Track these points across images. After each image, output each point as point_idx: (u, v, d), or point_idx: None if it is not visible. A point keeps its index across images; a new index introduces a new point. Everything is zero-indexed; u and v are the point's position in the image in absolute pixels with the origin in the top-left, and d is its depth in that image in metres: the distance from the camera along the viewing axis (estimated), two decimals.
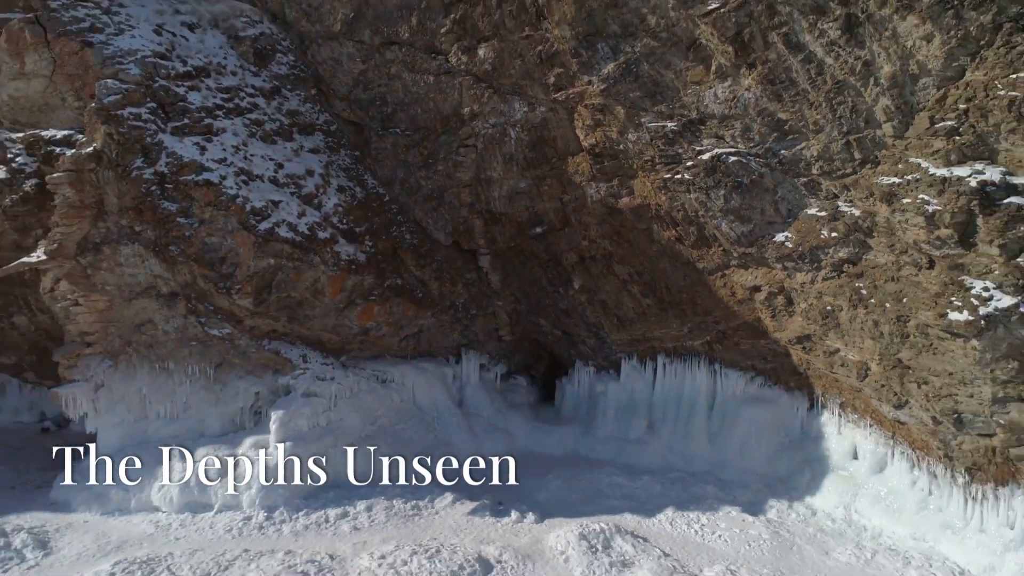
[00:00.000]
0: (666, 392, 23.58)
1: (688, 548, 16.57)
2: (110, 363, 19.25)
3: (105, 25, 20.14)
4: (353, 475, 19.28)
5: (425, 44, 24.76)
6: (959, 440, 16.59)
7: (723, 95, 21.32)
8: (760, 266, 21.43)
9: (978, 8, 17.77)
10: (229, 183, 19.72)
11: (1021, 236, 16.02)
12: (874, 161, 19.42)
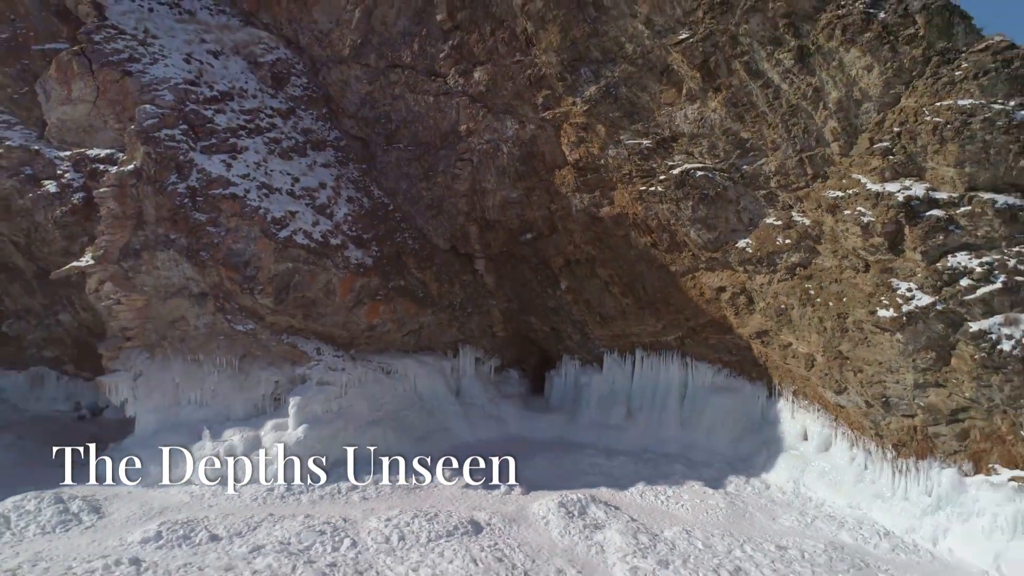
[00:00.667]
0: (643, 383, 26.10)
1: (653, 514, 19.07)
2: (147, 355, 21.82)
3: (141, 56, 22.70)
4: (361, 454, 21.76)
5: (425, 67, 27.32)
6: (887, 420, 19.10)
7: (692, 116, 23.86)
8: (725, 269, 23.93)
9: (910, 43, 20.35)
10: (252, 196, 22.28)
11: (939, 244, 18.50)
12: (823, 176, 21.93)
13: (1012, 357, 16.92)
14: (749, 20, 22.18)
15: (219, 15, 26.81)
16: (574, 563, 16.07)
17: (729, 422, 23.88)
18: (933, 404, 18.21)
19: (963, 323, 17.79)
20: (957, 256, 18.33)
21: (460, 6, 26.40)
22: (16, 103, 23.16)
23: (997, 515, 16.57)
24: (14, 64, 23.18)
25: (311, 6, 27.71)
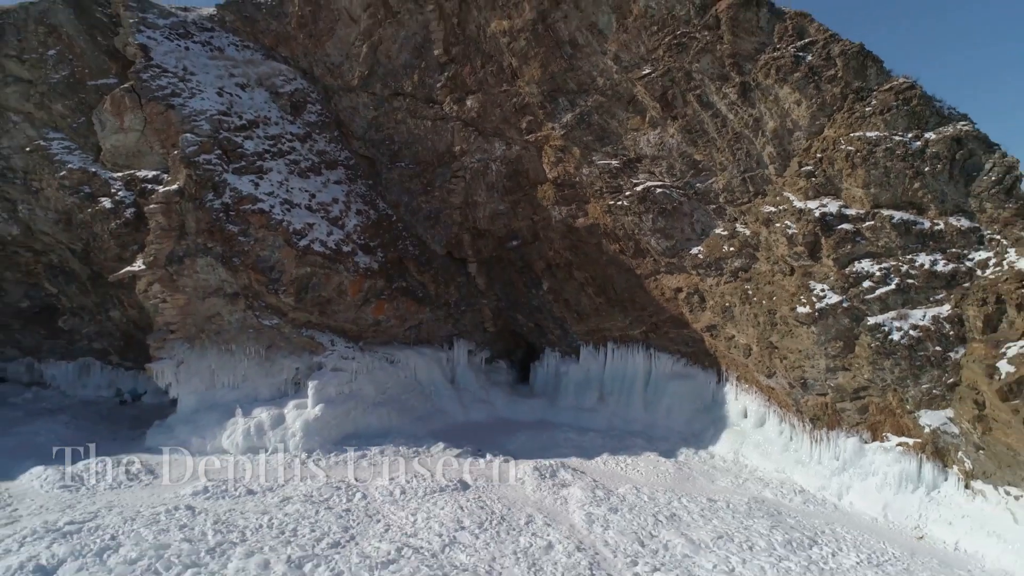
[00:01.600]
0: (613, 371, 29.96)
1: (612, 477, 22.93)
2: (188, 346, 25.75)
3: (182, 91, 26.65)
4: (369, 426, 25.69)
5: (424, 96, 31.22)
6: (805, 398, 22.93)
7: (653, 140, 27.72)
8: (681, 272, 27.77)
9: (831, 82, 24.19)
10: (276, 211, 26.21)
11: (848, 252, 22.34)
12: (762, 193, 25.76)
13: (900, 345, 20.78)
14: (701, 59, 26.03)
15: (244, 50, 30.72)
16: (542, 511, 19.93)
17: (685, 404, 27.73)
18: (840, 384, 22.06)
19: (864, 318, 21.63)
20: (862, 262, 22.17)
21: (454, 42, 30.30)
22: (75, 131, 27.13)
23: (887, 474, 20.41)
24: (73, 98, 27.16)
25: (324, 41, 31.62)
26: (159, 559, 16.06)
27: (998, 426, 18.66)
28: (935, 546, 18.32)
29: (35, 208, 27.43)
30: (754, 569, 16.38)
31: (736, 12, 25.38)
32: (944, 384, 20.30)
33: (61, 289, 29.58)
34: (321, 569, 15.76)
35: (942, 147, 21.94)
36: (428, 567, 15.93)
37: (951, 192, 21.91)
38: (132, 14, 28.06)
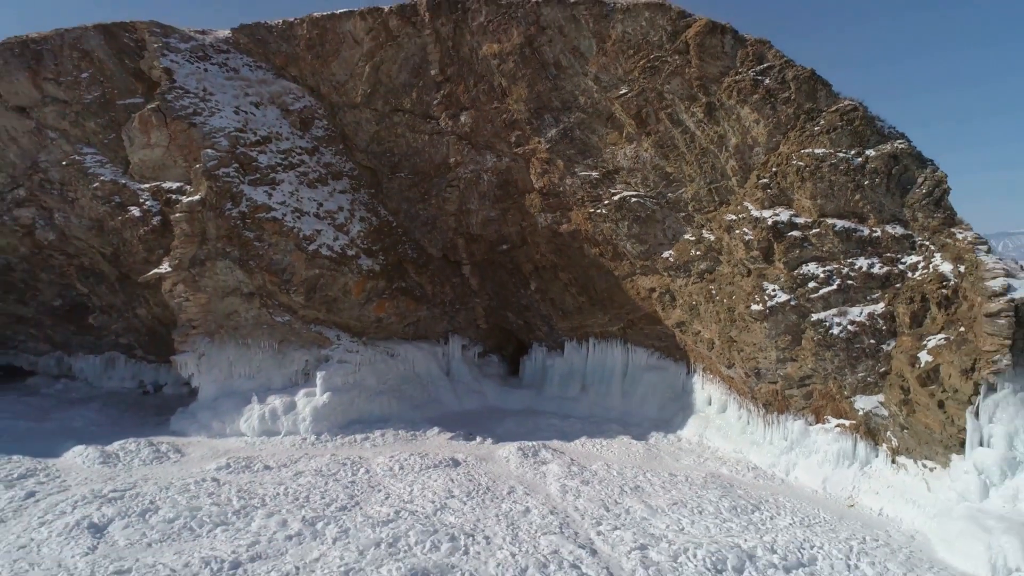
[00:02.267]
0: (594, 364, 32.77)
1: (587, 456, 25.74)
2: (208, 340, 28.62)
3: (202, 110, 29.51)
4: (372, 412, 28.53)
5: (422, 112, 34.03)
6: (759, 386, 25.73)
7: (629, 154, 30.51)
8: (654, 274, 30.57)
9: (786, 103, 26.95)
10: (288, 218, 29.06)
11: (797, 256, 25.12)
12: (726, 203, 28.54)
13: (839, 339, 23.58)
14: (671, 81, 28.82)
15: (257, 70, 33.56)
16: (523, 483, 22.76)
17: (657, 393, 30.54)
18: (789, 374, 24.87)
19: (809, 314, 24.44)
20: (808, 265, 24.96)
21: (449, 63, 33.11)
22: (106, 146, 30.00)
23: (827, 451, 23.21)
24: (104, 116, 30.02)
25: (330, 61, 34.43)
26: (193, 519, 18.94)
27: (919, 408, 21.46)
28: (862, 512, 21.11)
29: (70, 216, 30.32)
30: (700, 528, 19.20)
31: (703, 38, 28.17)
32: (876, 373, 23.10)
33: (92, 289, 32.47)
34: (331, 527, 18.61)
35: (880, 163, 24.71)
36: (422, 525, 18.78)
37: (888, 203, 24.68)
38: (156, 39, 30.91)
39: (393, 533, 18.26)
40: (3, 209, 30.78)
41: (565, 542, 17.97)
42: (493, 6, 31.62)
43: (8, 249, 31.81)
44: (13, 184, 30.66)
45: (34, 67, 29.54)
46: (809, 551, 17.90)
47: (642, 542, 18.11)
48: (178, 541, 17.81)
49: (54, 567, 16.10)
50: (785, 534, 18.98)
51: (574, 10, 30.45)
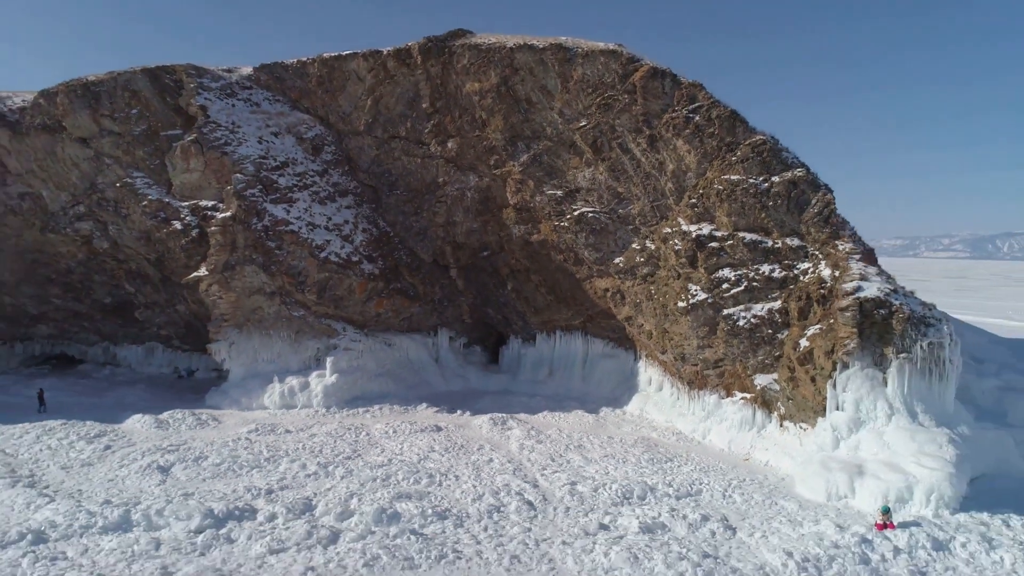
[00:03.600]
0: (560, 352, 38.74)
1: (546, 425, 31.70)
2: (237, 331, 34.69)
3: (232, 140, 35.60)
4: (372, 391, 34.56)
5: (415, 139, 40.02)
6: (684, 368, 31.68)
7: (588, 176, 36.44)
8: (608, 277, 36.50)
9: (711, 137, 32.84)
10: (303, 230, 35.12)
11: (715, 263, 31.01)
12: (664, 218, 34.45)
13: (744, 330, 29.50)
14: (621, 116, 34.74)
15: (275, 104, 39.62)
16: (491, 443, 28.73)
17: (610, 376, 36.50)
18: (706, 357, 30.82)
19: (722, 310, 30.36)
20: (723, 270, 30.89)
21: (438, 98, 39.11)
22: (152, 171, 36.13)
23: (733, 419, 29.12)
24: (150, 145, 36.14)
25: (337, 95, 40.47)
26: (234, 463, 25.02)
27: (800, 383, 27.39)
28: (753, 464, 27.02)
29: (122, 228, 36.44)
30: (621, 472, 25.17)
31: (647, 81, 34.14)
32: (772, 356, 29.05)
33: (138, 289, 38.61)
34: (339, 469, 24.68)
35: (782, 187, 30.64)
36: (408, 468, 24.82)
37: (787, 220, 30.60)
38: (192, 80, 37.03)
39: (386, 472, 24.33)
40: (66, 222, 36.95)
41: (515, 479, 23.99)
42: (474, 51, 37.62)
43: (69, 255, 38.00)
44: (75, 202, 36.83)
45: (93, 106, 35.67)
46: (698, 486, 23.88)
47: (573, 479, 24.11)
48: (225, 478, 23.87)
49: (137, 492, 22.18)
50: (684, 476, 24.97)
51: (542, 55, 36.44)
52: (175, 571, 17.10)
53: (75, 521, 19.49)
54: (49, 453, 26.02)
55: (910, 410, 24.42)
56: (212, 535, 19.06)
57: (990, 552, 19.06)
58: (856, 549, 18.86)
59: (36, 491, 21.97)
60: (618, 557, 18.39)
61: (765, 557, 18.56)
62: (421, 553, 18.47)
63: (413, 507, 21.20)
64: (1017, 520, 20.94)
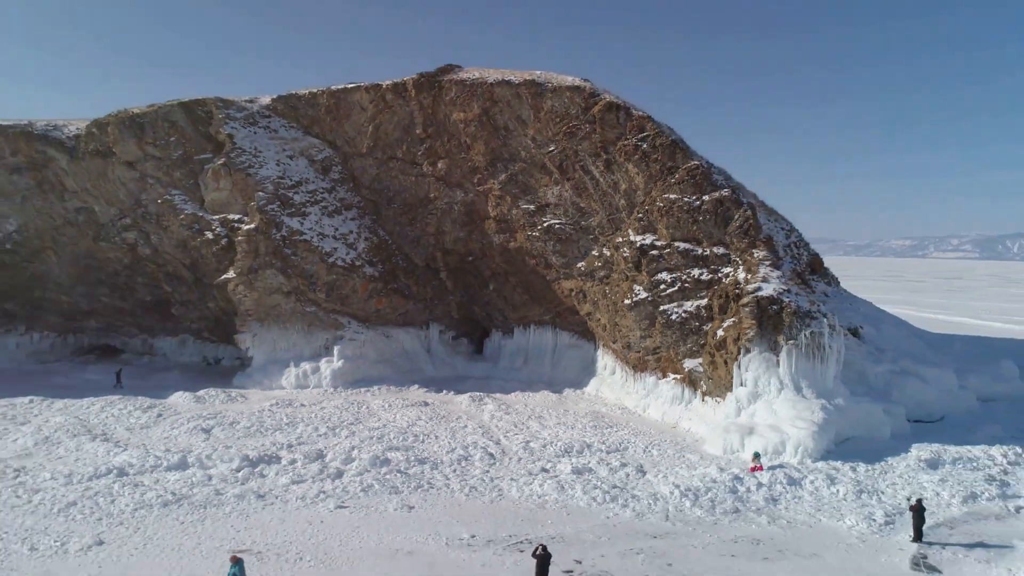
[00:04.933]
0: (534, 343, 45.22)
1: (515, 402, 38.12)
2: (259, 324, 41.35)
3: (254, 163, 42.24)
4: (372, 375, 41.16)
5: (410, 159, 46.54)
6: (630, 355, 38.14)
7: (555, 194, 42.87)
8: (572, 279, 42.91)
9: (655, 162, 39.19)
10: (314, 240, 41.74)
11: (655, 267, 37.41)
12: (618, 229, 40.86)
13: (676, 323, 35.91)
14: (583, 143, 41.16)
15: (290, 130, 46.23)
16: (468, 415, 35.21)
17: (575, 364, 42.97)
18: (647, 346, 37.24)
19: (660, 306, 36.75)
20: (661, 274, 37.27)
21: (429, 125, 45.60)
22: (187, 189, 42.82)
23: (667, 395, 35.52)
24: (185, 168, 42.83)
25: (343, 122, 47.02)
26: (261, 427, 31.63)
27: (717, 366, 33.76)
28: (678, 430, 33.39)
29: (162, 237, 43.18)
30: (568, 435, 31.59)
31: (604, 113, 40.56)
32: (698, 344, 35.44)
33: (174, 288, 45.35)
34: (343, 431, 31.26)
35: (711, 205, 37.02)
36: (398, 430, 31.39)
37: (715, 232, 36.96)
38: (220, 111, 43.70)
39: (380, 433, 30.93)
40: (114, 232, 43.71)
41: (483, 439, 30.54)
42: (460, 86, 44.11)
43: (116, 260, 44.76)
44: (122, 215, 43.57)
45: (139, 135, 42.40)
46: (626, 444, 30.36)
47: (528, 440, 30.63)
48: (254, 437, 30.47)
49: (187, 446, 28.78)
50: (617, 437, 31.43)
51: (518, 89, 42.90)
52: (224, 493, 23.76)
53: (146, 462, 26.19)
54: (114, 419, 32.71)
55: (796, 385, 30.80)
56: (249, 472, 25.70)
57: (830, 487, 25.46)
58: (728, 484, 25.31)
59: (111, 444, 28.68)
60: (549, 487, 24.95)
61: (659, 489, 25.04)
62: (404, 484, 25.08)
63: (400, 456, 27.81)
64: (862, 467, 27.30)
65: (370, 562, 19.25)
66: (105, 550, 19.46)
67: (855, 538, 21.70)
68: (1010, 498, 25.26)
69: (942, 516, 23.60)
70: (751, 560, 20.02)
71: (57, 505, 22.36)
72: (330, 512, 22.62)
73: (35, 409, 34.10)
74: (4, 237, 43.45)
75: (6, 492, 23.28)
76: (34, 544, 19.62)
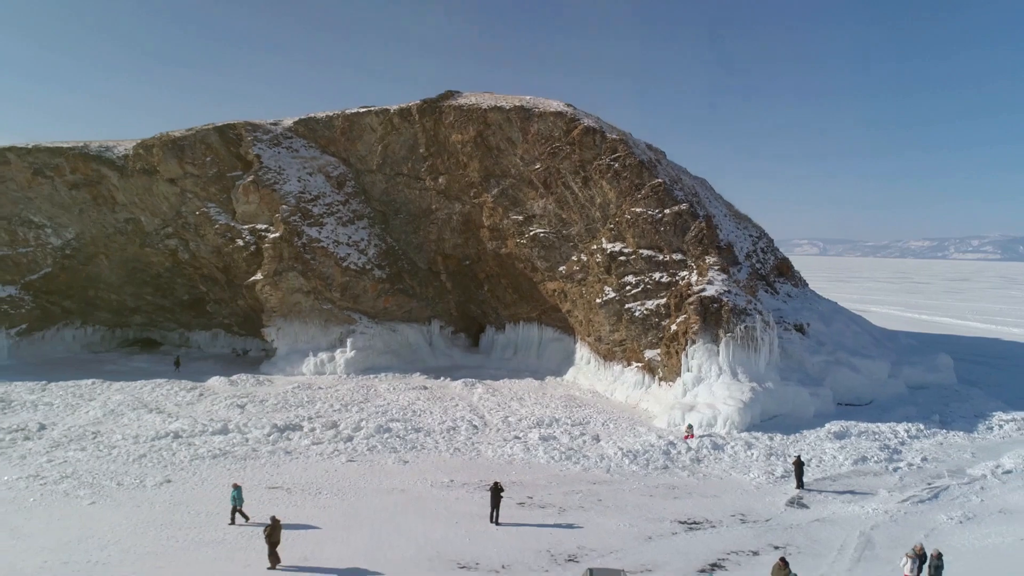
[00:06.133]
0: (522, 337, 51.35)
1: (502, 387, 44.23)
2: (283, 319, 47.82)
3: (279, 180, 48.72)
4: (380, 364, 47.50)
5: (415, 175, 52.79)
6: (601, 346, 44.13)
7: (540, 206, 48.95)
8: (556, 280, 48.94)
9: (625, 180, 45.18)
10: (330, 246, 48.14)
11: (623, 271, 43.39)
12: (593, 238, 46.85)
13: (639, 319, 41.88)
14: (565, 162, 47.19)
15: (310, 149, 52.65)
16: (460, 397, 41.37)
17: (557, 355, 49.02)
18: (615, 339, 43.20)
19: (625, 304, 42.73)
20: (627, 277, 43.24)
21: (431, 145, 51.79)
22: (221, 202, 49.37)
23: (631, 381, 41.48)
24: (219, 184, 49.37)
25: (356, 142, 53.35)
26: (285, 404, 38.04)
27: (671, 355, 39.67)
28: (636, 409, 39.32)
29: (199, 244, 49.77)
30: (542, 412, 37.65)
31: (582, 136, 46.56)
32: (657, 337, 41.36)
33: (209, 288, 51.95)
34: (354, 407, 37.59)
35: (671, 217, 42.92)
36: (400, 408, 37.66)
37: (674, 241, 42.86)
38: (249, 133, 50.23)
39: (384, 408, 37.23)
40: (158, 240, 50.38)
41: (469, 414, 36.72)
42: (458, 111, 50.27)
43: (159, 264, 51.45)
44: (164, 225, 50.24)
45: (179, 155, 48.99)
46: (588, 419, 36.36)
47: (507, 416, 36.76)
48: (281, 411, 36.83)
49: (227, 417, 35.17)
50: (582, 414, 37.45)
51: (508, 114, 48.98)
52: (259, 450, 30.12)
53: (195, 428, 32.64)
54: (164, 397, 39.23)
55: (732, 371, 36.66)
56: (278, 436, 32.05)
57: (747, 451, 31.33)
58: (663, 448, 31.28)
59: (165, 415, 35.19)
60: (517, 449, 31.08)
61: (606, 451, 31.06)
62: (401, 446, 31.32)
63: (400, 426, 34.07)
64: (779, 437, 33.13)
65: (372, 496, 25.48)
66: (173, 486, 25.84)
67: (753, 486, 27.60)
68: (894, 462, 30.96)
69: (831, 472, 29.44)
70: (664, 499, 26.01)
71: (131, 456, 28.84)
72: (342, 464, 28.91)
73: (98, 389, 40.73)
74: (64, 244, 50.26)
75: (91, 448, 29.83)
76: (120, 481, 26.06)
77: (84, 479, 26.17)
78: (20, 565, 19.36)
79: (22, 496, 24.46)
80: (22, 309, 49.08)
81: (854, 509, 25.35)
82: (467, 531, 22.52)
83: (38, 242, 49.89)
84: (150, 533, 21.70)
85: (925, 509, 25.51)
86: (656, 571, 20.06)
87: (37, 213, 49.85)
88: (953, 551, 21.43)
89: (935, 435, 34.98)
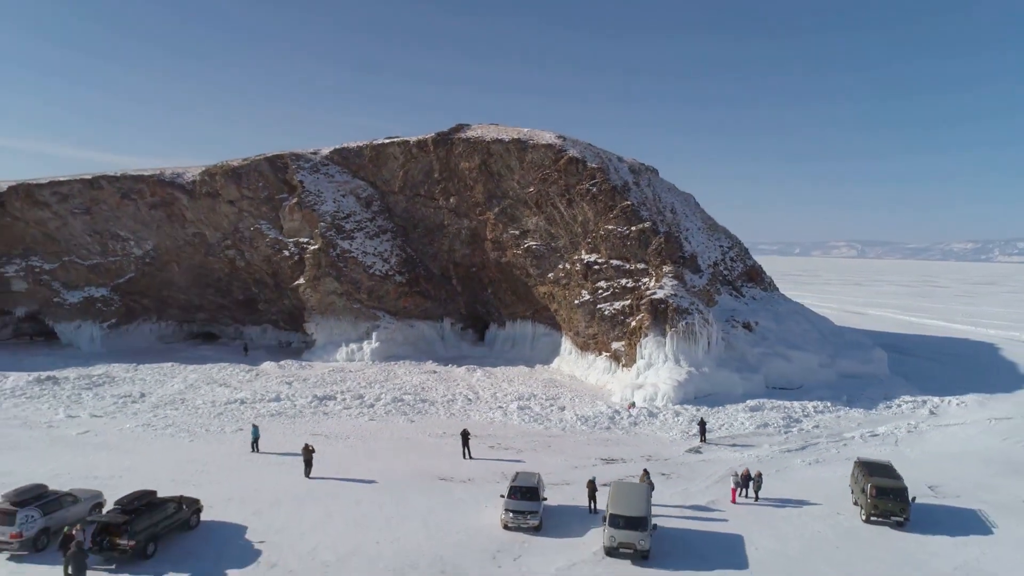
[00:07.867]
0: (519, 332, 61.07)
1: (498, 372, 53.93)
2: (321, 316, 58.31)
3: (317, 201, 59.23)
4: (399, 353, 57.67)
5: (430, 196, 62.83)
6: (579, 340, 53.60)
7: (534, 222, 58.62)
8: (546, 284, 58.48)
9: (600, 202, 54.69)
10: (359, 256, 58.47)
11: (596, 277, 52.80)
12: (576, 250, 56.34)
13: (608, 317, 51.29)
14: (553, 186, 56.83)
15: (343, 174, 63.10)
16: (462, 379, 51.22)
17: (547, 348, 58.61)
18: (590, 333, 52.65)
19: (598, 305, 52.15)
20: (600, 282, 52.65)
21: (444, 170, 61.80)
22: (271, 220, 60.05)
23: (601, 367, 50.87)
24: (269, 204, 60.07)
25: (381, 168, 63.62)
26: (323, 382, 48.44)
27: (632, 346, 48.97)
28: (604, 390, 48.65)
29: (253, 254, 60.53)
30: (525, 390, 47.29)
31: (567, 165, 56.14)
32: (622, 332, 50.71)
33: (260, 290, 62.77)
34: (376, 384, 47.80)
35: (637, 233, 52.25)
36: (413, 386, 47.75)
37: (639, 253, 52.13)
38: (293, 162, 60.90)
39: (400, 386, 47.36)
40: (219, 250, 61.34)
41: (467, 391, 46.61)
42: (466, 143, 60.20)
43: (219, 270, 62.45)
44: (224, 238, 61.17)
45: (237, 181, 59.83)
46: (559, 395, 45.91)
47: (495, 392, 46.53)
48: (319, 387, 47.13)
49: (278, 390, 45.60)
50: (555, 392, 47.03)
51: (507, 145, 58.76)
52: (304, 412, 40.42)
53: (255, 397, 43.14)
54: (228, 376, 49.90)
55: (676, 359, 45.84)
56: (317, 403, 42.33)
57: (675, 418, 40.53)
58: (609, 415, 40.68)
59: (231, 388, 45.79)
60: (497, 415, 40.84)
61: (565, 417, 40.60)
62: (411, 411, 41.32)
63: (411, 397, 44.09)
64: (704, 409, 42.19)
65: (385, 441, 35.46)
66: (243, 432, 36.15)
67: (668, 440, 36.84)
68: (790, 429, 39.77)
69: (734, 433, 38.48)
70: (597, 447, 35.44)
71: (212, 414, 39.37)
72: (365, 422, 39.01)
73: (176, 370, 51.63)
74: (144, 253, 61.53)
75: (181, 408, 40.47)
76: (207, 428, 36.54)
77: (182, 427, 36.71)
78: (154, 474, 29.76)
79: (142, 437, 35.05)
80: (112, 307, 60.50)
81: (735, 455, 34.45)
82: (449, 462, 32.32)
83: (124, 252, 61.22)
84: (230, 459, 31.96)
85: (789, 456, 34.48)
86: (572, 484, 29.56)
87: (123, 229, 61.16)
88: (786, 475, 30.55)
89: (838, 411, 43.54)
